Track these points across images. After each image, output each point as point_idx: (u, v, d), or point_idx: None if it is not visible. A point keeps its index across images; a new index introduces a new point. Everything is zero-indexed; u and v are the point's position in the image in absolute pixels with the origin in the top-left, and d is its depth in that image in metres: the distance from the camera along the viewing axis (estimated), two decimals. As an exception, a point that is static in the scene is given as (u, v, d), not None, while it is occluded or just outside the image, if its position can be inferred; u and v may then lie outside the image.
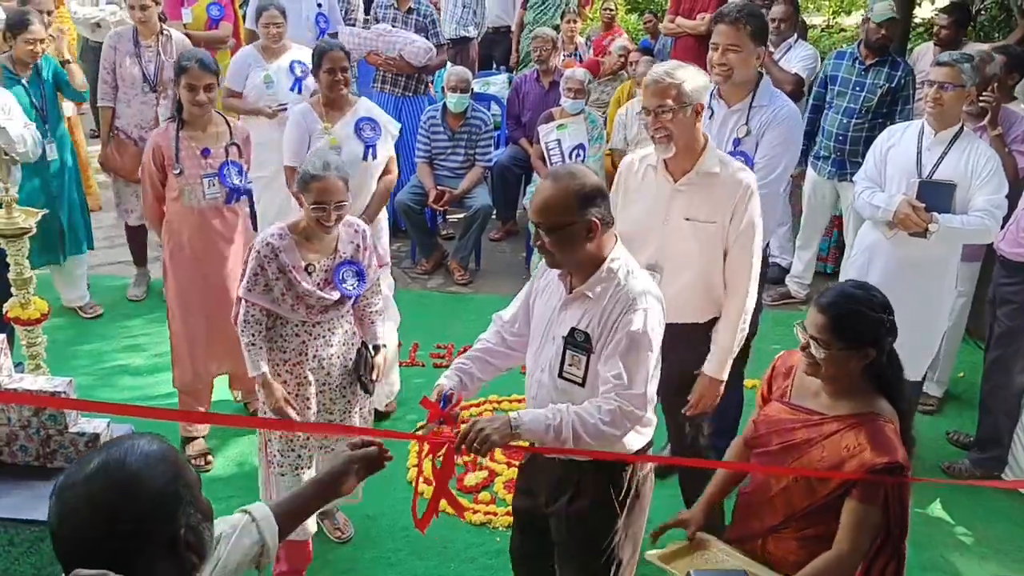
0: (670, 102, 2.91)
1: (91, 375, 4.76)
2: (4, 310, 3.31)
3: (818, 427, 2.37)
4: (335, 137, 4.05)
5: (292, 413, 3.12)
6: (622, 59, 7.07)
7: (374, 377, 3.32)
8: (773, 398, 2.55)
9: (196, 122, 3.95)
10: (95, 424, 2.59)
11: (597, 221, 2.40)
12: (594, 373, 2.45)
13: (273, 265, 3.07)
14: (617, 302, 2.41)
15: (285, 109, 5.30)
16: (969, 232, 3.73)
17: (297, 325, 3.17)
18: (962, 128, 3.84)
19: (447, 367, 2.75)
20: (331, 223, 3.06)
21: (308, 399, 3.22)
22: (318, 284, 3.13)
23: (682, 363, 3.11)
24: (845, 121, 5.38)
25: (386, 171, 4.24)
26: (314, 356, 3.20)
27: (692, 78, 2.92)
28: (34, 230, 3.33)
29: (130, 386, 4.69)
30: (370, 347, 3.36)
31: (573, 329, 2.46)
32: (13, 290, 3.29)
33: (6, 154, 3.38)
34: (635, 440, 2.55)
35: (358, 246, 3.25)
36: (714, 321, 3.17)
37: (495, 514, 3.82)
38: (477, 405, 4.62)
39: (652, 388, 2.43)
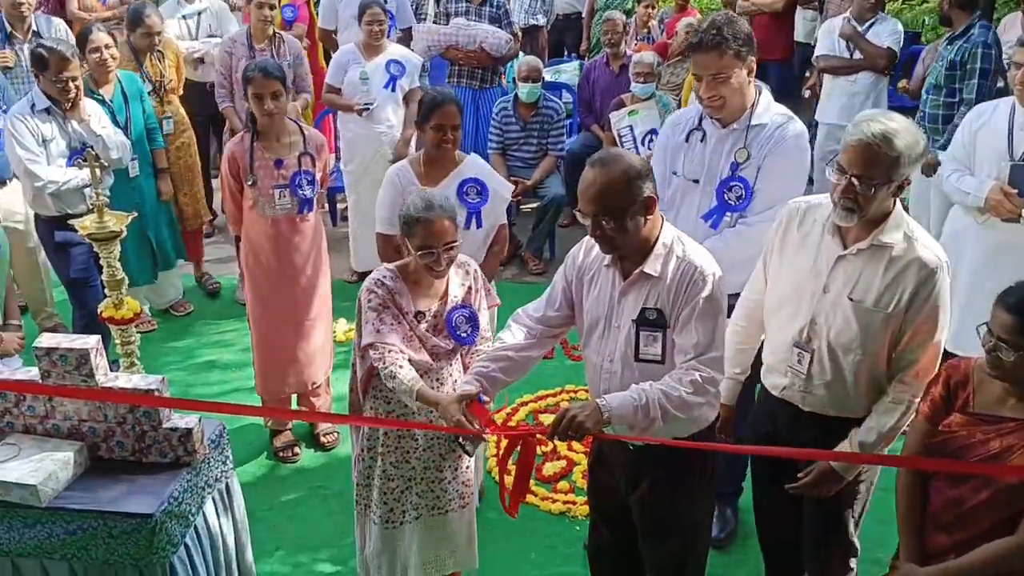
0: (879, 176, 2.38)
1: (182, 371, 4.94)
2: (99, 311, 3.46)
3: (1017, 433, 2.25)
4: None
5: (470, 424, 2.55)
6: (689, 36, 6.96)
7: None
8: (955, 409, 2.39)
9: (269, 132, 3.92)
10: (187, 420, 2.68)
11: (653, 196, 2.44)
12: (671, 349, 2.47)
13: (392, 308, 2.82)
14: (683, 274, 2.44)
15: (369, 108, 5.51)
16: None
17: None
18: None
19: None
20: (442, 267, 2.79)
21: (408, 452, 2.94)
22: (429, 332, 2.88)
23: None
24: (924, 97, 5.20)
25: (495, 241, 3.68)
26: (420, 408, 2.83)
27: (910, 147, 2.37)
28: (124, 233, 3.45)
29: (219, 381, 4.84)
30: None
31: (644, 309, 2.47)
32: (107, 291, 3.43)
33: (98, 159, 3.51)
34: (708, 413, 2.59)
35: (469, 288, 2.97)
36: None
37: (574, 503, 3.83)
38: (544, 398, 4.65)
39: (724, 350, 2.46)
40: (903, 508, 2.50)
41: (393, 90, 5.61)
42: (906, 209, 2.62)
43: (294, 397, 4.28)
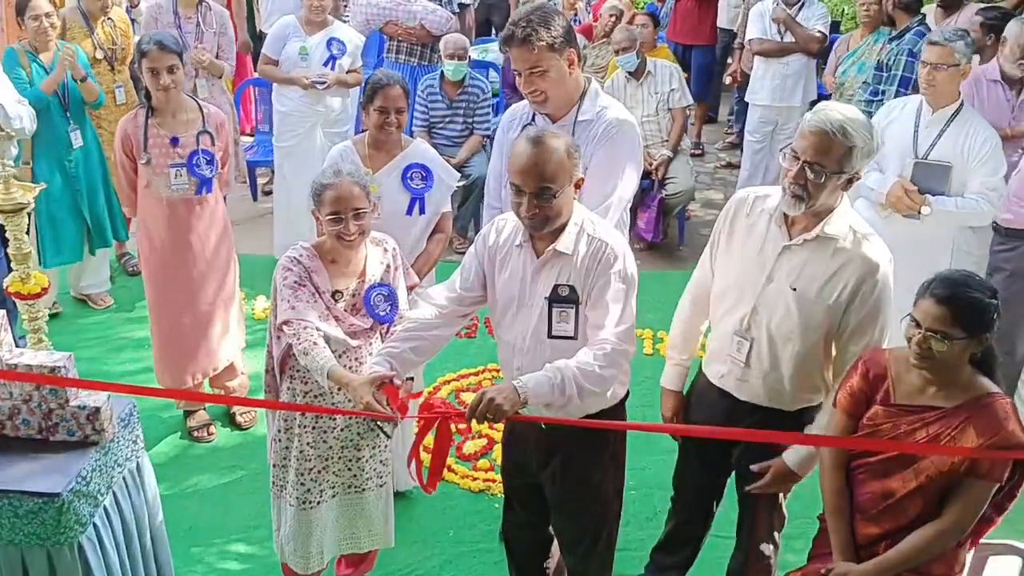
0: (831, 164, 2.42)
1: (94, 348, 4.81)
2: (4, 285, 3.34)
3: (941, 422, 2.31)
4: (376, 184, 3.37)
5: (382, 406, 2.51)
6: (613, 19, 7.03)
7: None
8: (876, 402, 2.43)
9: (165, 108, 3.79)
10: (95, 398, 2.61)
11: (582, 176, 2.52)
12: (584, 324, 2.52)
13: (309, 285, 2.79)
14: (594, 250, 2.49)
15: (324, 83, 5.44)
16: (963, 215, 3.72)
17: None
18: (961, 105, 3.75)
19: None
20: (352, 235, 2.75)
21: (326, 432, 2.90)
22: (347, 312, 2.86)
23: (765, 457, 2.72)
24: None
25: (438, 229, 3.56)
26: (332, 388, 2.78)
27: (865, 141, 2.43)
28: (32, 205, 3.34)
29: (132, 359, 4.73)
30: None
31: (556, 286, 2.51)
32: (13, 265, 3.31)
33: (1, 130, 3.38)
34: (618, 390, 2.66)
35: (388, 266, 2.95)
36: (807, 410, 2.72)
37: (494, 481, 3.86)
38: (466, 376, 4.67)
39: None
40: (832, 506, 2.53)
41: (332, 69, 5.52)
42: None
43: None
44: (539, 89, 2.91)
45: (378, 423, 2.71)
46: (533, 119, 3.10)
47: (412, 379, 2.78)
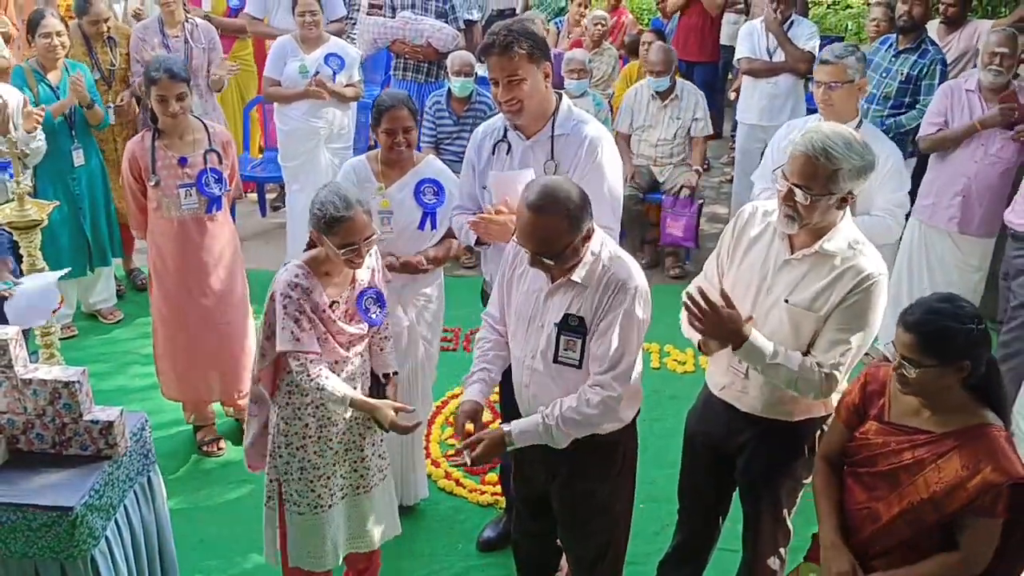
0: (817, 187, 2.44)
1: (103, 363, 4.84)
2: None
3: (928, 446, 2.32)
4: (388, 199, 3.45)
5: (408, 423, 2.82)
6: (599, 27, 7.08)
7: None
8: (870, 416, 2.47)
9: (172, 130, 3.82)
10: (108, 413, 2.64)
11: (592, 228, 2.50)
12: (590, 354, 2.54)
13: (307, 306, 2.81)
14: (606, 285, 2.50)
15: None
16: (870, 234, 3.67)
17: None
18: (860, 124, 3.66)
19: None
20: (362, 259, 2.83)
21: (330, 440, 2.95)
22: (344, 320, 2.91)
23: (767, 469, 2.80)
24: (865, 107, 5.30)
25: (449, 235, 3.58)
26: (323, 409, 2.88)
27: (851, 162, 2.42)
28: (46, 222, 3.37)
29: (142, 373, 4.74)
30: (381, 378, 3.10)
31: (567, 315, 2.52)
32: (27, 281, 3.34)
33: (17, 148, 3.41)
34: (628, 411, 2.67)
35: (372, 269, 3.01)
36: (809, 422, 2.74)
37: (502, 495, 3.87)
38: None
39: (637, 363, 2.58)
40: (818, 489, 2.58)
41: (332, 83, 5.54)
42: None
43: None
44: (516, 98, 2.89)
45: (375, 419, 2.84)
46: (505, 135, 3.09)
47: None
